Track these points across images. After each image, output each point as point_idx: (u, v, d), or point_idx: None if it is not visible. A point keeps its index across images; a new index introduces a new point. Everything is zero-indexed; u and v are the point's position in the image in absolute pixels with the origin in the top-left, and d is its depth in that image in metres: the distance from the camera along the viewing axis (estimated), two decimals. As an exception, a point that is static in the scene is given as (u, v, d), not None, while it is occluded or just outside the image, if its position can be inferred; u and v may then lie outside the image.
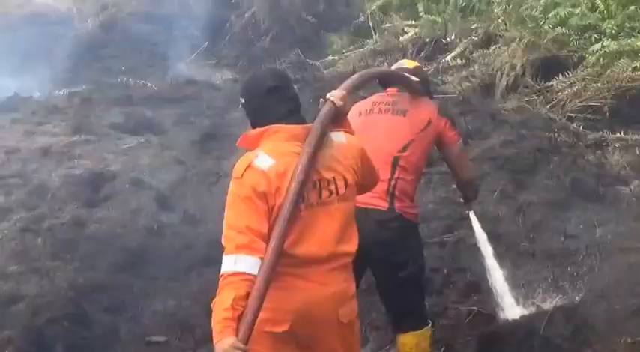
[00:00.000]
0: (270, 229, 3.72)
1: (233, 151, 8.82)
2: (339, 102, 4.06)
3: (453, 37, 14.29)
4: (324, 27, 17.36)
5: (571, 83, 11.12)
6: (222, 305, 3.58)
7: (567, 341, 5.63)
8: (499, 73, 12.24)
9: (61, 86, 15.37)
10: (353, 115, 4.93)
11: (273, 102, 3.99)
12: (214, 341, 3.57)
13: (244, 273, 3.62)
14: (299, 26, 17.57)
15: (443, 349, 5.71)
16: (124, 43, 18.68)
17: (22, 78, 15.98)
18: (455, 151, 5.47)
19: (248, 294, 3.59)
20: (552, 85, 11.39)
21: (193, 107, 13.20)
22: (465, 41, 13.84)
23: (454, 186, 8.59)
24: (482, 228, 6.50)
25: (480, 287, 6.42)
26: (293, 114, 4.01)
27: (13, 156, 10.64)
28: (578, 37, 11.94)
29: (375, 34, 15.85)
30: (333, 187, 3.93)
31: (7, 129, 12.39)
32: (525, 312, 6.00)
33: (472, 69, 12.98)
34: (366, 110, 5.28)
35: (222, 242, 3.73)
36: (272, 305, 3.76)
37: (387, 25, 15.84)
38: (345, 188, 3.97)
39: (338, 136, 4.05)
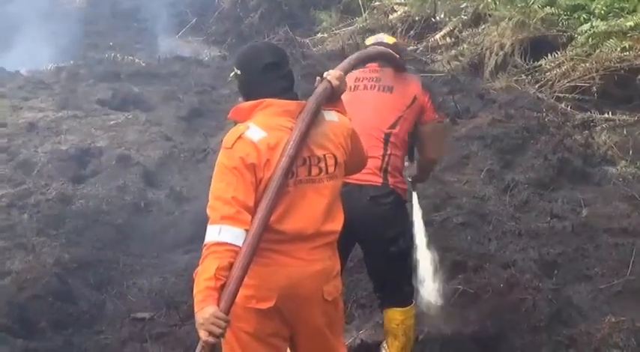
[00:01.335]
0: (257, 202, 3.70)
1: (221, 128, 8.84)
2: (335, 82, 4.06)
3: (442, 16, 14.27)
4: (313, 4, 17.30)
5: (560, 63, 11.13)
6: (204, 274, 3.55)
7: (552, 321, 5.64)
8: (488, 52, 12.24)
9: (48, 61, 15.27)
10: None
11: (269, 78, 3.97)
12: (195, 310, 3.53)
13: (228, 244, 3.59)
14: (288, 3, 17.50)
15: (426, 330, 5.71)
16: (112, 19, 18.62)
17: (9, 53, 15.88)
18: (430, 127, 5.41)
19: (231, 265, 3.56)
20: (541, 65, 11.40)
21: (181, 83, 13.16)
22: (455, 20, 13.82)
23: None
24: (468, 205, 6.52)
25: (466, 266, 6.43)
26: (287, 91, 4.00)
27: (-1, 132, 10.59)
28: (567, 17, 11.94)
29: (365, 12, 15.80)
30: (323, 165, 3.93)
31: (-6, 105, 12.32)
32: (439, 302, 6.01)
33: (461, 48, 12.98)
34: (351, 87, 5.15)
35: (208, 212, 3.69)
36: (256, 282, 3.78)
37: (377, 3, 15.81)
38: (335, 166, 3.96)
39: (330, 115, 4.05)
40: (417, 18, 14.69)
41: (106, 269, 6.90)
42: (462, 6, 14.00)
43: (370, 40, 5.71)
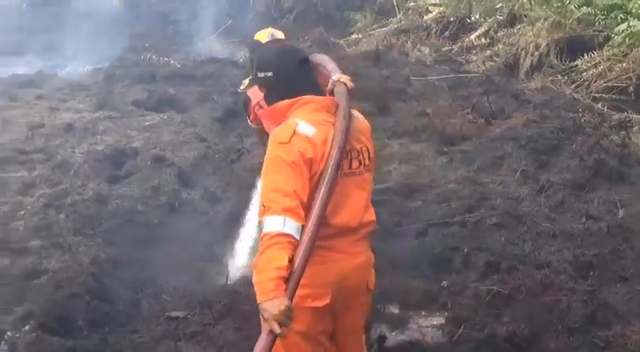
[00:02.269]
0: (310, 196, 3.79)
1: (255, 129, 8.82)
2: (350, 84, 4.18)
3: (477, 16, 14.24)
4: (347, 5, 17.32)
5: (596, 63, 11.05)
6: (275, 263, 3.60)
7: (587, 323, 5.60)
8: (523, 52, 12.19)
9: (85, 63, 15.44)
10: None
11: (305, 73, 4.14)
12: (263, 298, 3.57)
13: (291, 236, 3.66)
14: (323, 4, 17.54)
15: (463, 327, 5.69)
16: (148, 21, 18.74)
17: (47, 55, 16.08)
18: None
19: (292, 259, 3.63)
20: (577, 65, 11.34)
21: (216, 85, 13.22)
22: (490, 20, 13.79)
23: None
24: (502, 206, 6.52)
25: (500, 267, 6.40)
26: (318, 86, 4.16)
27: (37, 132, 10.71)
28: (604, 17, 11.84)
29: (399, 13, 15.79)
30: (361, 157, 4.06)
31: (32, 106, 12.48)
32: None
33: (496, 48, 12.94)
34: None
35: (264, 203, 3.74)
36: (309, 280, 3.83)
37: (411, 3, 15.79)
38: (369, 159, 4.11)
39: (356, 113, 4.18)
40: (452, 18, 14.68)
41: (141, 268, 6.94)
42: (497, 6, 13.96)
43: (263, 35, 5.72)
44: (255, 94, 5.45)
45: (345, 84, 4.17)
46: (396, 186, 8.40)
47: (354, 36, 16.10)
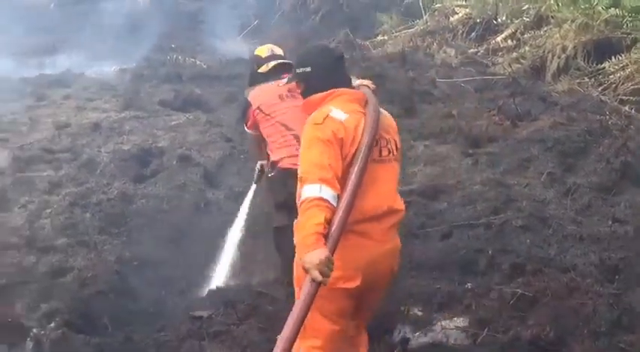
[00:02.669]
0: (343, 176, 4.15)
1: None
2: (372, 86, 4.69)
3: (503, 18, 14.16)
4: (373, 6, 17.29)
5: (624, 66, 10.96)
6: (313, 220, 3.96)
7: (612, 327, 5.56)
8: (550, 54, 12.11)
9: (112, 63, 15.53)
10: (272, 97, 5.75)
11: (341, 69, 4.63)
12: (304, 251, 3.93)
13: (328, 201, 4.02)
14: (349, 5, 17.52)
15: (487, 330, 5.67)
16: (175, 21, 18.81)
17: (75, 54, 16.19)
18: None
19: (330, 221, 3.98)
20: (604, 68, 11.24)
21: (242, 85, 13.21)
22: (516, 22, 13.71)
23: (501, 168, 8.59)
24: (528, 208, 6.48)
25: (525, 269, 6.36)
26: (351, 82, 4.61)
27: (63, 132, 10.78)
28: (632, 19, 11.74)
29: (425, 14, 15.75)
30: (390, 146, 4.47)
31: (59, 105, 12.58)
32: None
33: (523, 50, 12.87)
34: (286, 95, 5.79)
35: (302, 175, 4.13)
36: (342, 263, 4.11)
37: (438, 5, 15.74)
38: (396, 150, 4.52)
39: (383, 111, 4.57)
40: (478, 20, 14.61)
41: (165, 267, 6.98)
42: (523, 8, 13.88)
43: (263, 51, 6.33)
44: (255, 98, 5.62)
45: (367, 86, 4.63)
46: (421, 187, 8.38)
47: (379, 37, 16.07)
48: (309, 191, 4.05)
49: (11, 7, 18.40)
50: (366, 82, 4.70)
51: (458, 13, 15.11)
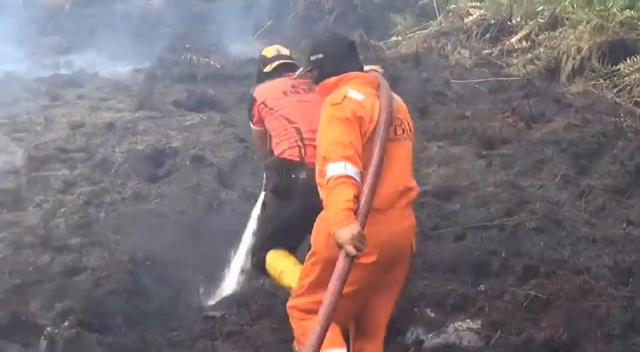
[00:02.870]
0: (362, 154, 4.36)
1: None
2: (380, 70, 4.96)
3: (518, 19, 14.12)
4: (388, 7, 17.27)
5: (639, 67, 10.90)
6: (343, 196, 4.19)
7: (626, 329, 5.54)
8: (565, 56, 12.08)
9: (126, 63, 15.58)
10: (276, 93, 5.83)
11: (353, 55, 4.90)
12: (336, 227, 4.15)
13: (353, 178, 4.24)
14: (363, 6, 17.51)
15: (500, 332, 5.66)
16: (189, 22, 18.84)
17: (89, 54, 16.26)
18: None
19: (357, 197, 4.21)
20: (619, 69, 11.20)
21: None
22: (531, 23, 13.67)
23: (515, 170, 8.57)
24: (542, 210, 6.46)
25: (538, 271, 6.34)
26: (363, 68, 4.85)
27: (78, 131, 10.82)
28: (647, 20, 11.70)
29: (440, 16, 15.72)
30: (404, 126, 4.70)
31: (73, 105, 12.63)
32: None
33: (537, 51, 12.83)
34: (289, 90, 5.92)
35: (324, 154, 4.35)
36: None
37: (452, 6, 15.71)
38: (409, 130, 4.74)
39: (394, 94, 4.79)
40: (492, 21, 14.58)
41: (179, 267, 6.99)
42: (538, 9, 13.84)
43: (270, 51, 6.45)
44: (260, 94, 5.72)
45: (376, 70, 4.89)
46: (434, 188, 8.37)
47: (393, 38, 16.05)
48: (334, 169, 4.25)
49: (26, 8, 18.50)
50: (375, 67, 4.96)
51: (472, 14, 15.08)
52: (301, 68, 5.34)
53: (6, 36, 16.07)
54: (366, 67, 4.93)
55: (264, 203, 6.14)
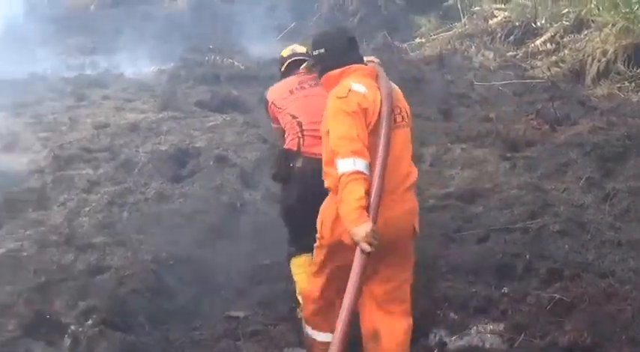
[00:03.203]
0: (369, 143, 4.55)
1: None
2: (377, 60, 5.15)
3: (543, 21, 14.10)
4: (412, 9, 17.27)
5: (664, 70, 10.85)
6: (355, 194, 4.40)
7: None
8: (590, 58, 12.03)
9: (150, 64, 15.65)
10: (283, 92, 6.04)
11: (354, 48, 5.06)
12: (351, 225, 4.39)
13: (363, 173, 4.45)
14: (387, 8, 17.51)
15: (523, 335, 5.63)
16: (213, 23, 18.91)
17: (113, 55, 16.35)
18: None
19: (368, 192, 4.42)
20: (645, 72, 11.13)
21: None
22: (556, 25, 13.64)
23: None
24: (566, 213, 6.41)
25: (563, 274, 6.31)
26: (363, 60, 5.03)
27: (102, 131, 10.88)
28: (673, 23, 11.63)
29: (464, 17, 15.70)
30: (403, 114, 4.89)
31: (98, 105, 12.71)
32: None
33: (562, 54, 12.80)
34: (296, 88, 6.13)
35: (334, 149, 4.54)
36: None
37: (476, 8, 15.70)
38: (408, 117, 4.95)
39: (391, 83, 4.98)
40: (517, 23, 14.56)
41: (202, 267, 7.00)
42: (563, 12, 13.82)
43: (287, 51, 6.62)
44: (271, 95, 6.23)
45: (373, 61, 5.09)
46: (458, 190, 8.35)
47: (417, 40, 16.06)
48: (344, 166, 4.46)
49: (52, 8, 18.63)
50: (372, 58, 5.19)
51: (497, 17, 15.07)
52: (306, 63, 5.63)
53: (32, 36, 16.19)
54: (365, 58, 5.12)
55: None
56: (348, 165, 4.45)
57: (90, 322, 5.80)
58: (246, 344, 5.73)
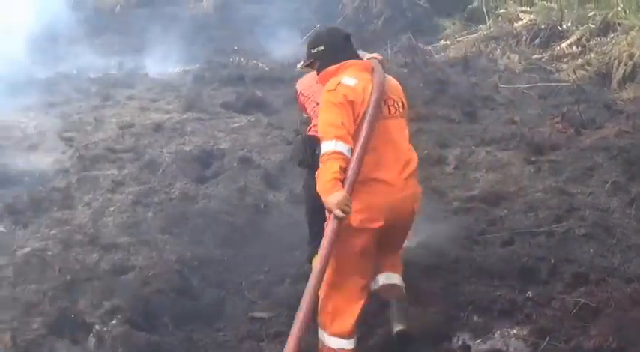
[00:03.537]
0: (357, 132, 4.85)
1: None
2: (379, 57, 5.43)
3: (569, 24, 14.03)
4: (436, 12, 17.23)
5: (691, 74, 10.77)
6: (331, 169, 4.72)
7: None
8: (616, 61, 11.96)
9: (175, 64, 15.71)
10: (310, 81, 6.22)
11: (349, 45, 5.35)
12: (325, 194, 4.69)
13: (343, 153, 4.76)
14: (411, 10, 17.49)
15: (548, 339, 5.60)
16: (238, 24, 18.94)
17: (139, 56, 16.41)
18: None
19: (345, 168, 4.74)
20: (672, 76, 11.05)
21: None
22: (582, 28, 13.57)
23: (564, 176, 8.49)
24: (591, 217, 6.36)
25: (588, 279, 6.27)
26: (359, 56, 5.33)
27: (127, 131, 10.94)
28: (700, 26, 11.54)
29: (489, 20, 15.65)
30: (397, 105, 5.19)
31: (123, 105, 12.76)
32: None
33: (588, 57, 12.73)
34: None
35: (320, 134, 4.90)
36: (366, 206, 4.93)
37: (502, 10, 15.65)
38: (403, 108, 5.25)
39: (389, 77, 5.33)
40: (542, 26, 14.50)
41: (226, 268, 7.02)
42: (589, 14, 13.73)
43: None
44: (300, 85, 6.54)
45: (375, 58, 5.35)
46: (482, 193, 8.33)
47: (442, 42, 16.02)
48: (326, 147, 4.79)
49: (77, 9, 18.72)
50: (375, 55, 5.44)
51: (522, 19, 15.01)
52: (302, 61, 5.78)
53: (58, 36, 16.28)
54: (368, 55, 5.41)
55: None
56: (330, 146, 4.78)
57: (114, 321, 5.84)
58: (269, 346, 5.73)
